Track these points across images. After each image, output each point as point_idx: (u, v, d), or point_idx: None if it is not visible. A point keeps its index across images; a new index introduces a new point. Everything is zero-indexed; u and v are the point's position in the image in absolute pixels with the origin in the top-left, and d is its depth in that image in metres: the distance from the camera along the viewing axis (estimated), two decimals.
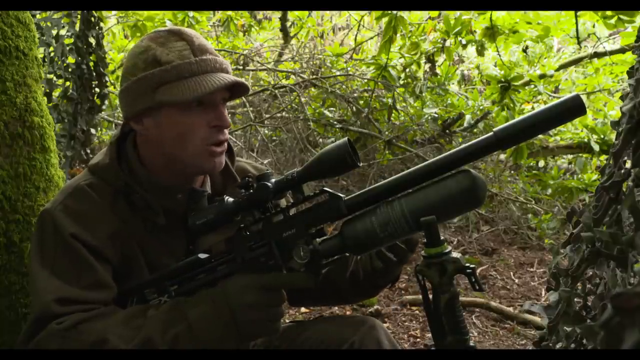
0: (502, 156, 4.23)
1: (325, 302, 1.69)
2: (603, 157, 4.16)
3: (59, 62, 2.57)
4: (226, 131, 1.16)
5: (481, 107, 4.31)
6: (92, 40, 2.68)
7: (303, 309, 2.78)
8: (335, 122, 4.09)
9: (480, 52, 4.05)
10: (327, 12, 6.91)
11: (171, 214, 1.17)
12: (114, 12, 4.84)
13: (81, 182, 1.16)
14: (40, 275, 1.06)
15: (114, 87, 3.85)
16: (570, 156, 4.63)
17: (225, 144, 1.18)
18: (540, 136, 4.14)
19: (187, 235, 1.20)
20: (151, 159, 1.18)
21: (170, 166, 1.17)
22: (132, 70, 1.13)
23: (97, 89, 2.72)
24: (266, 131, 4.37)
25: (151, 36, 1.16)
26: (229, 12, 5.06)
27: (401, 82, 4.28)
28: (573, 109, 0.83)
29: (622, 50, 4.42)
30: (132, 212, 1.16)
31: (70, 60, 2.65)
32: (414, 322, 2.64)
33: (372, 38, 6.19)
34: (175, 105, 1.10)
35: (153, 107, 1.11)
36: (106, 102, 2.78)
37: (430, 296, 0.91)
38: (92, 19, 2.67)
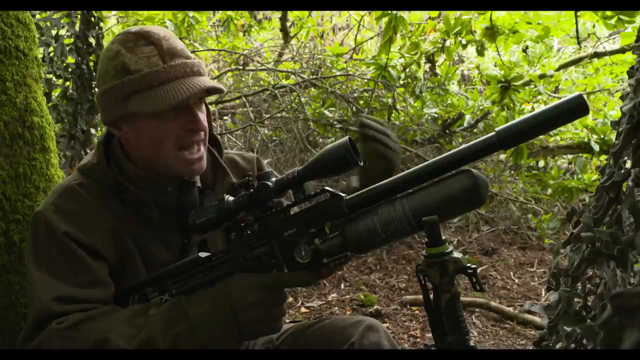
0: (502, 156, 4.23)
1: None
2: (603, 157, 4.16)
3: (59, 62, 2.56)
4: (202, 131, 1.16)
5: (481, 107, 4.31)
6: (92, 40, 2.68)
7: (303, 309, 2.78)
8: (335, 122, 4.09)
9: (480, 52, 4.05)
10: (327, 12, 6.92)
11: (164, 208, 1.18)
12: (114, 12, 4.84)
13: (71, 182, 1.16)
14: (37, 276, 1.06)
15: None
16: (570, 156, 4.63)
17: (202, 147, 1.17)
18: (541, 136, 4.14)
19: (182, 229, 1.21)
20: (136, 160, 1.18)
21: (153, 167, 1.17)
22: (104, 77, 1.13)
23: (96, 89, 2.71)
24: (266, 131, 4.36)
25: (120, 39, 1.13)
26: (229, 12, 5.05)
27: (401, 82, 4.28)
28: (576, 108, 0.82)
29: (622, 50, 4.42)
30: (125, 209, 1.16)
31: (70, 60, 2.65)
32: (414, 322, 2.64)
33: (372, 38, 6.20)
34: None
35: (127, 116, 1.12)
36: None
37: (431, 296, 0.90)
38: (92, 19, 2.67)
